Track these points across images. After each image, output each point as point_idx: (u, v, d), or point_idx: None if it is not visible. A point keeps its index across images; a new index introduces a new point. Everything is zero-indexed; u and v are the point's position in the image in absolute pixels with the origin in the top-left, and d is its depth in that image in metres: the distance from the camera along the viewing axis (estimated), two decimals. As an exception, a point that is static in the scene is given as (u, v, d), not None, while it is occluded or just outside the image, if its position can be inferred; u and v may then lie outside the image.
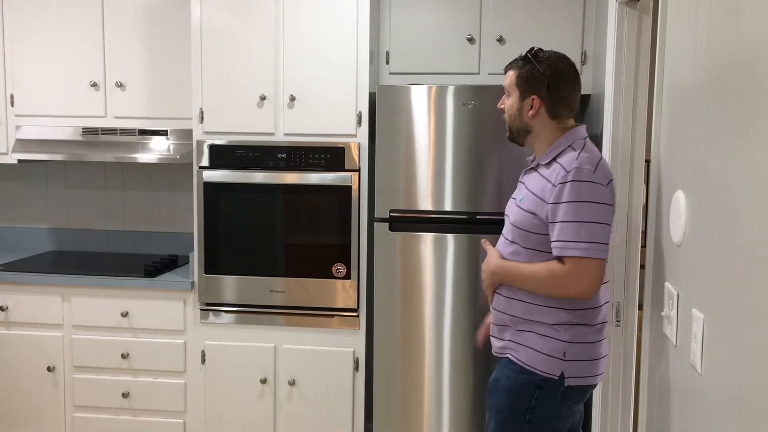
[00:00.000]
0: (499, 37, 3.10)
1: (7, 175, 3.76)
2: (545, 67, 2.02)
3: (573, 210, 1.88)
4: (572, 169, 1.90)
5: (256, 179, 3.05)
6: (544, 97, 2.02)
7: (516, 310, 2.02)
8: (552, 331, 1.97)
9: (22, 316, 3.20)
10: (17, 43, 3.35)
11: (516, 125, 2.09)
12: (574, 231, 1.87)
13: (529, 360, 1.98)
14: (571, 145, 2.00)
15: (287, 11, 2.99)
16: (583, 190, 1.88)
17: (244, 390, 3.11)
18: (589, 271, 1.89)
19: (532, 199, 1.99)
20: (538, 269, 1.96)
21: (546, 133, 2.04)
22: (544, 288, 1.96)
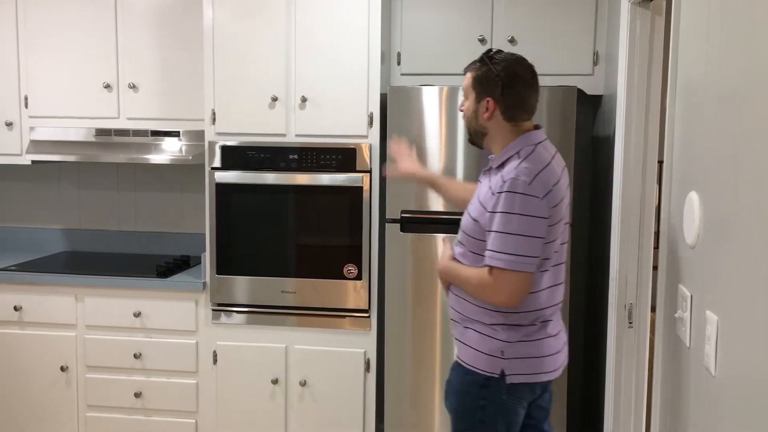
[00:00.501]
0: (510, 37, 3.10)
1: (21, 176, 3.79)
2: (500, 69, 2.00)
3: (504, 221, 1.90)
4: (509, 180, 1.91)
5: (268, 180, 3.06)
6: (498, 99, 2.00)
7: (462, 308, 2.09)
8: (490, 330, 2.02)
9: (36, 316, 3.23)
10: (31, 45, 3.38)
11: (473, 127, 2.09)
12: (502, 242, 1.90)
13: (471, 360, 2.05)
14: (519, 152, 1.98)
15: (299, 12, 3.00)
16: (516, 202, 1.89)
17: (255, 390, 3.12)
18: (510, 283, 1.92)
19: (476, 205, 2.02)
20: (471, 274, 2.01)
21: (501, 135, 2.04)
22: (475, 293, 2.01)
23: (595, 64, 3.08)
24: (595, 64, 3.08)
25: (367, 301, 3.04)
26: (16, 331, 3.24)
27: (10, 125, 3.42)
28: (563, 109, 2.84)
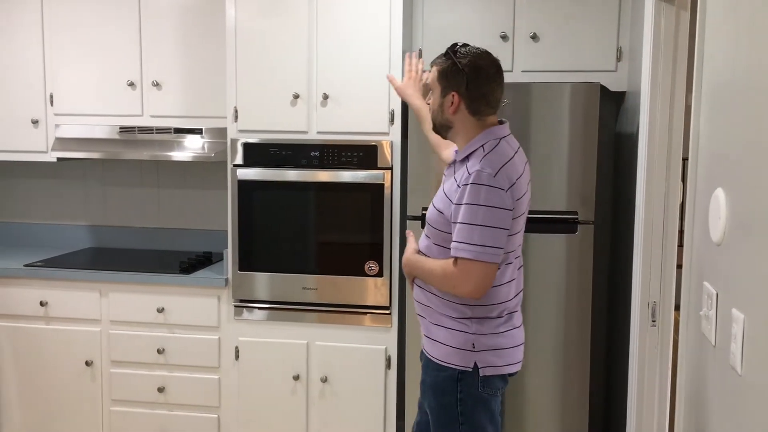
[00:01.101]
0: (533, 34, 3.08)
1: (46, 174, 3.84)
2: (465, 63, 2.02)
3: (469, 212, 1.93)
4: (474, 172, 1.94)
5: (290, 177, 3.07)
6: (463, 93, 2.02)
7: (429, 302, 2.11)
8: (458, 324, 2.05)
9: (62, 311, 3.27)
10: (57, 43, 3.42)
11: (438, 121, 2.11)
12: (467, 233, 1.93)
13: (443, 356, 2.06)
14: (483, 146, 2.02)
15: (321, 10, 3.00)
16: (481, 194, 1.92)
17: (276, 386, 3.13)
18: (475, 274, 1.94)
19: (442, 198, 2.06)
20: (435, 266, 2.04)
21: (466, 129, 2.06)
22: (440, 285, 2.04)
23: (618, 60, 3.05)
24: (619, 61, 3.05)
25: (388, 297, 3.04)
26: (42, 326, 3.29)
27: (35, 123, 3.47)
28: (586, 105, 2.82)
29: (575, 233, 2.86)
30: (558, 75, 3.08)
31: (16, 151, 3.51)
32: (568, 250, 2.88)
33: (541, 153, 2.85)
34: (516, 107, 2.85)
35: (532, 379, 2.93)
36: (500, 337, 2.06)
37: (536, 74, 3.10)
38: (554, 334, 2.91)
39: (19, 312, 3.30)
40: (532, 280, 2.89)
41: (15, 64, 3.46)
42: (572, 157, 2.84)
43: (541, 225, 2.86)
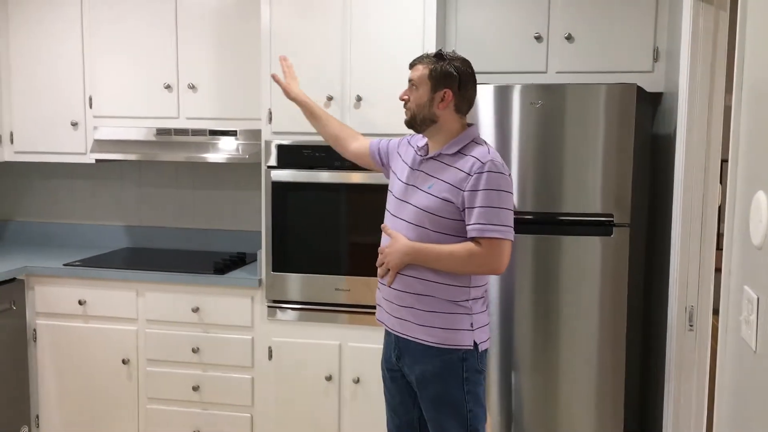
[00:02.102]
0: (567, 35, 3.06)
1: (85, 175, 3.92)
2: (457, 66, 2.23)
3: (490, 197, 2.12)
4: (488, 161, 2.15)
5: (322, 178, 3.09)
6: (455, 92, 2.22)
7: (423, 290, 2.21)
8: (460, 307, 2.20)
9: (99, 310, 3.33)
10: (96, 47, 3.49)
11: (422, 114, 2.25)
12: (492, 215, 2.12)
13: (446, 340, 2.19)
14: (474, 140, 2.24)
15: (354, 12, 3.02)
16: (498, 180, 2.14)
17: (309, 386, 3.15)
18: (503, 251, 2.15)
19: (445, 187, 2.18)
20: (456, 249, 2.16)
21: (449, 125, 2.25)
22: (462, 266, 2.17)
23: (655, 60, 3.01)
24: (656, 61, 3.01)
25: (421, 299, 3.03)
26: (80, 325, 3.35)
27: (75, 125, 3.54)
28: (622, 106, 2.79)
29: (611, 236, 2.83)
30: (593, 76, 3.05)
31: (56, 153, 3.59)
32: (603, 252, 2.85)
33: (575, 155, 2.82)
34: (550, 109, 2.83)
35: (566, 383, 2.90)
36: (485, 314, 2.29)
37: (571, 75, 3.08)
38: (589, 337, 2.88)
39: (59, 310, 3.36)
40: (567, 282, 2.87)
41: (56, 68, 3.54)
42: (607, 158, 2.81)
43: (575, 227, 2.83)
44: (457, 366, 2.20)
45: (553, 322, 2.89)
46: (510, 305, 2.92)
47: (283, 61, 2.75)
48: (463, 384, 2.21)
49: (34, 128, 3.60)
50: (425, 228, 2.20)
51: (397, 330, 2.29)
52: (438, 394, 2.23)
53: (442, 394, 2.22)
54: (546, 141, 2.85)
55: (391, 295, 2.28)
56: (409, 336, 2.25)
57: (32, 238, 4.00)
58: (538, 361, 2.93)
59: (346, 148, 2.62)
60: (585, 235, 2.84)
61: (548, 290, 2.89)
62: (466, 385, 2.21)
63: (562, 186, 2.84)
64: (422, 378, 2.25)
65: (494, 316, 2.94)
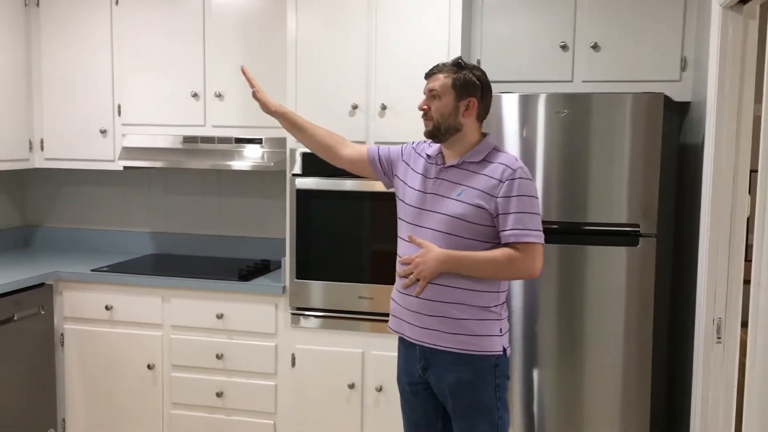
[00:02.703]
0: (593, 44, 3.04)
1: (113, 182, 3.97)
2: (478, 75, 2.26)
3: (524, 203, 2.16)
4: (518, 168, 2.19)
5: (347, 186, 3.10)
6: (479, 100, 2.25)
7: (452, 297, 2.20)
8: (491, 313, 2.22)
9: (126, 316, 3.37)
10: (125, 56, 3.54)
11: (447, 123, 2.24)
12: (527, 220, 2.16)
13: (479, 347, 2.20)
14: (496, 148, 2.27)
15: (380, 21, 3.03)
16: (529, 186, 2.19)
17: (332, 394, 3.16)
18: (540, 254, 2.19)
19: (476, 194, 2.19)
20: (496, 255, 2.17)
21: (471, 133, 2.26)
22: (503, 272, 2.20)
23: (682, 70, 2.98)
24: (683, 70, 2.99)
25: (444, 308, 3.03)
26: (107, 330, 3.39)
27: (104, 132, 3.59)
28: (649, 116, 2.77)
29: (636, 246, 2.80)
30: (619, 85, 3.03)
31: (85, 160, 3.65)
32: (629, 263, 2.82)
33: (601, 164, 2.80)
34: (576, 118, 2.81)
35: (591, 393, 2.88)
36: (507, 320, 2.31)
37: (597, 84, 3.06)
38: (614, 348, 2.85)
39: (86, 315, 3.41)
40: (592, 293, 2.85)
41: (86, 77, 3.60)
42: (634, 168, 2.79)
43: (601, 237, 2.81)
44: (490, 373, 2.22)
45: (578, 331, 2.87)
46: (534, 315, 2.91)
47: (245, 74, 2.57)
48: (495, 390, 2.22)
49: (64, 136, 3.66)
50: (457, 235, 2.19)
51: (424, 341, 2.25)
52: (471, 401, 2.22)
53: (476, 402, 2.22)
54: (571, 150, 2.83)
55: (417, 305, 2.25)
56: (439, 346, 2.22)
57: (61, 244, 4.06)
58: (562, 371, 2.90)
59: (337, 155, 2.52)
60: (610, 245, 2.82)
61: (573, 300, 2.87)
62: (497, 391, 2.23)
63: (588, 195, 2.82)
64: (456, 386, 2.23)
65: (518, 325, 2.92)
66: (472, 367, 2.21)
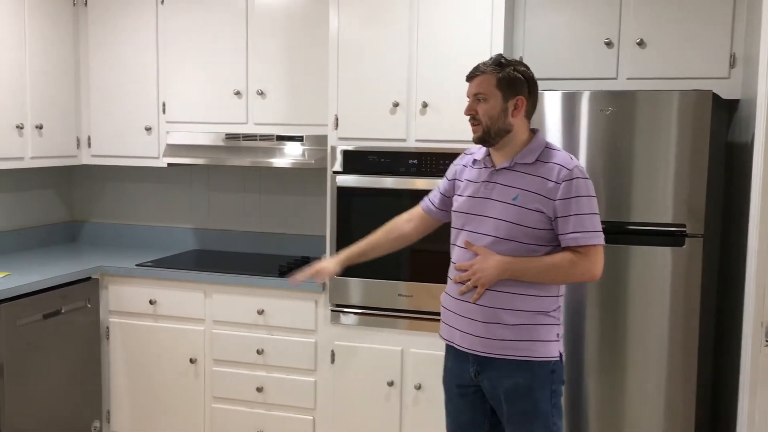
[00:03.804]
0: (639, 40, 2.99)
1: (157, 178, 4.04)
2: (522, 71, 2.17)
3: (582, 204, 2.09)
4: (574, 167, 2.11)
5: (387, 184, 3.10)
6: (527, 97, 2.17)
7: (509, 303, 2.14)
8: (550, 318, 2.16)
9: (169, 310, 3.43)
10: (169, 54, 3.60)
11: (497, 126, 2.16)
12: (589, 222, 2.09)
13: (537, 353, 2.14)
14: (548, 146, 2.18)
15: (422, 18, 3.02)
16: (588, 186, 2.11)
17: (371, 391, 3.16)
18: (601, 256, 2.13)
19: (532, 197, 2.11)
20: (558, 260, 2.11)
21: (521, 132, 2.18)
22: (565, 276, 2.13)
23: (731, 66, 2.92)
24: (732, 67, 2.92)
25: (484, 307, 3.01)
26: (151, 324, 3.45)
27: (149, 130, 3.65)
28: (696, 114, 2.71)
29: (682, 246, 2.75)
30: (665, 82, 2.97)
31: (130, 157, 3.72)
32: (675, 263, 2.77)
33: (646, 163, 2.76)
34: (621, 116, 2.77)
35: (636, 394, 2.83)
36: (562, 324, 2.24)
37: (642, 82, 3.01)
38: (658, 352, 2.80)
39: (131, 309, 3.48)
40: (636, 295, 2.80)
41: (132, 76, 3.67)
42: (680, 167, 2.73)
43: (645, 237, 2.77)
44: (547, 379, 2.15)
45: (621, 333, 2.83)
46: (579, 316, 2.87)
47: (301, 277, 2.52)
48: (551, 397, 2.16)
49: (110, 133, 3.74)
50: (515, 240, 2.12)
51: (476, 349, 2.18)
52: (528, 408, 2.15)
53: (532, 408, 2.15)
54: (616, 149, 2.79)
55: (471, 311, 2.18)
56: (495, 354, 2.15)
57: (107, 239, 4.14)
58: (605, 373, 2.87)
59: (409, 236, 2.49)
60: (656, 245, 2.77)
61: (617, 301, 2.82)
62: (553, 397, 2.16)
63: (632, 195, 2.78)
64: (513, 392, 2.16)
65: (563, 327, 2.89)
66: (529, 373, 2.14)
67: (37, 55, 3.48)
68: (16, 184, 3.83)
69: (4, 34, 3.30)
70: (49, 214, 4.07)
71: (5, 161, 3.35)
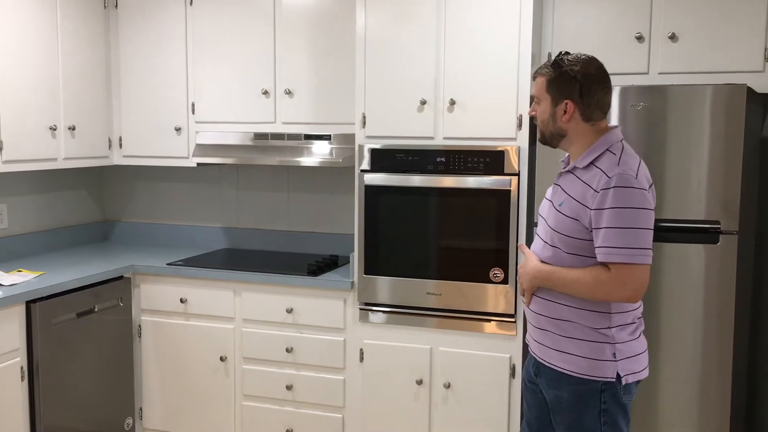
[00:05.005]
0: (671, 34, 2.94)
1: (186, 178, 4.08)
2: (576, 71, 2.04)
3: (617, 216, 1.91)
4: (614, 175, 1.93)
5: (415, 182, 3.09)
6: (576, 100, 2.04)
7: (558, 314, 2.06)
8: (599, 335, 2.01)
9: (199, 308, 3.46)
10: (198, 54, 3.63)
11: (549, 130, 2.11)
12: (619, 237, 1.91)
13: (583, 369, 2.02)
14: (609, 149, 2.02)
15: (449, 16, 3.01)
16: (627, 196, 1.92)
17: (400, 390, 3.16)
18: (634, 277, 1.93)
19: (573, 205, 2.02)
20: (583, 276, 1.99)
21: (581, 136, 2.07)
22: (590, 293, 1.99)
23: (766, 60, 2.85)
24: (767, 60, 2.85)
25: (514, 305, 2.99)
26: (182, 322, 3.49)
27: (179, 130, 3.69)
28: (729, 108, 2.66)
29: (716, 243, 2.70)
30: (698, 77, 2.92)
31: (161, 157, 3.76)
32: (708, 261, 2.72)
33: (679, 159, 2.71)
34: (652, 111, 2.73)
35: (669, 400, 2.79)
36: (636, 342, 2.06)
37: (674, 76, 2.95)
38: (692, 351, 2.76)
39: (162, 308, 3.51)
40: (668, 293, 2.76)
41: (162, 76, 3.71)
42: (714, 162, 2.68)
43: (678, 234, 2.72)
44: (594, 397, 2.02)
45: (654, 332, 2.78)
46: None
47: None
48: (600, 415, 2.02)
49: (141, 134, 3.78)
50: (558, 248, 2.06)
51: (535, 352, 2.17)
52: (572, 422, 2.07)
53: (576, 423, 2.06)
54: (647, 144, 2.75)
55: (530, 316, 2.17)
56: (545, 361, 2.12)
57: (138, 238, 4.20)
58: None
59: None
60: (689, 242, 2.72)
61: (650, 299, 2.77)
62: (603, 416, 2.02)
63: (664, 191, 2.73)
64: (556, 404, 2.11)
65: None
66: (572, 388, 2.04)
67: (70, 57, 3.54)
68: (50, 185, 3.90)
69: (37, 36, 3.35)
70: (81, 214, 4.13)
71: (39, 162, 3.41)
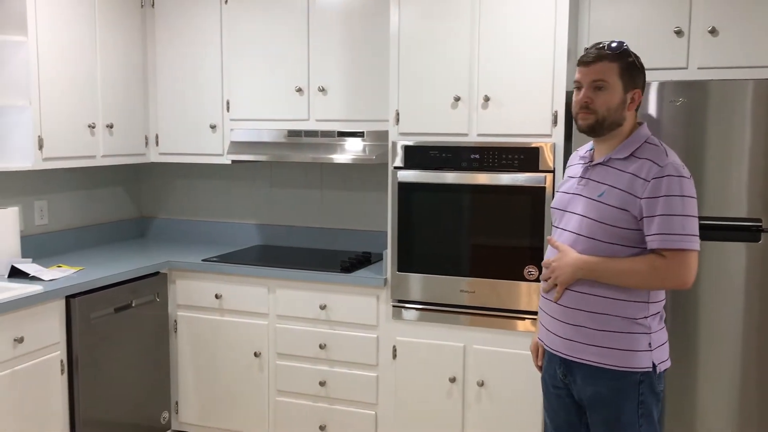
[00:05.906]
0: (711, 28, 2.87)
1: (221, 175, 4.12)
2: (640, 62, 2.07)
3: (672, 204, 1.95)
4: (667, 164, 1.98)
5: (449, 179, 3.08)
6: (642, 90, 2.08)
7: (593, 306, 2.05)
8: (637, 326, 2.03)
9: (234, 304, 3.49)
10: (233, 52, 3.66)
11: (613, 118, 2.06)
12: (676, 224, 1.94)
13: (622, 362, 2.03)
14: (647, 141, 2.06)
15: (483, 10, 2.98)
16: (680, 185, 1.96)
17: (433, 387, 3.15)
18: (690, 263, 1.97)
19: (619, 195, 2.01)
20: (637, 264, 1.99)
21: (628, 126, 2.09)
22: (644, 282, 2.00)
23: (810, 53, 2.78)
24: (811, 54, 2.78)
25: (548, 304, 2.96)
26: (216, 318, 3.52)
27: (213, 128, 3.73)
28: (772, 103, 2.60)
29: (758, 242, 2.64)
30: (739, 71, 2.84)
31: (196, 154, 3.80)
32: (749, 259, 2.66)
33: (719, 155, 2.66)
34: (692, 107, 2.68)
35: (708, 402, 2.74)
36: (663, 331, 2.10)
37: (714, 71, 2.89)
38: (732, 352, 2.70)
39: (197, 303, 3.55)
40: (708, 293, 2.71)
41: (197, 74, 3.75)
42: (755, 159, 2.63)
43: (718, 232, 2.67)
44: (632, 389, 2.03)
45: (692, 332, 2.74)
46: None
47: None
48: (638, 407, 2.04)
49: (176, 131, 3.83)
50: (596, 239, 2.04)
51: (560, 351, 2.13)
52: (611, 417, 2.06)
53: (616, 418, 2.06)
54: (687, 141, 2.70)
55: (558, 312, 2.12)
56: (576, 358, 2.09)
57: (174, 235, 4.25)
58: (676, 374, 2.76)
59: None
60: (729, 240, 2.67)
61: (689, 299, 2.73)
62: (640, 408, 2.04)
63: (705, 188, 2.68)
64: (594, 401, 2.08)
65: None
66: (611, 382, 2.04)
67: (108, 56, 3.59)
68: (88, 182, 3.97)
69: (77, 37, 3.41)
70: (119, 210, 4.20)
71: (78, 159, 3.47)
